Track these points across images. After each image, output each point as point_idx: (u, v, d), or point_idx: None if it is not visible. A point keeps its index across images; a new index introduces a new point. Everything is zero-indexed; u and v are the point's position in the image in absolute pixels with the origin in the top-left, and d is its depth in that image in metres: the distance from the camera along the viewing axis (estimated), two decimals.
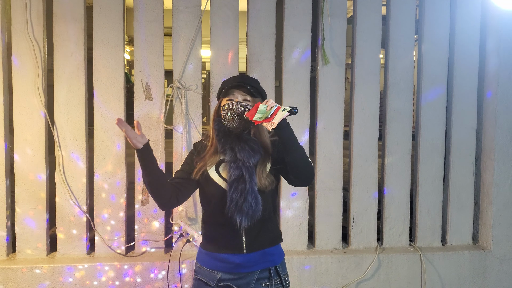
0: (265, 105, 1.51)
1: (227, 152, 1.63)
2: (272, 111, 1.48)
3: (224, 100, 1.69)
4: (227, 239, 1.64)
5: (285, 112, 1.47)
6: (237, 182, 1.58)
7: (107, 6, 2.61)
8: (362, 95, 2.89)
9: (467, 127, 3.03)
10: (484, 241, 3.07)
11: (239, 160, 1.60)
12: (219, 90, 1.74)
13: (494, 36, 3.00)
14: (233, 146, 1.63)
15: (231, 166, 1.60)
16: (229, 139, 1.65)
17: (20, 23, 2.53)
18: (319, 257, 2.80)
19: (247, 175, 1.58)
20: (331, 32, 2.82)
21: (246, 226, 1.59)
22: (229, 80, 1.73)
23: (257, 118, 1.49)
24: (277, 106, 1.49)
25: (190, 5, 2.69)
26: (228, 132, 1.66)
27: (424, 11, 2.95)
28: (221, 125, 1.67)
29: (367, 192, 2.92)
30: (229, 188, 1.59)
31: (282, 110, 1.47)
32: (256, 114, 1.50)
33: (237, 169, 1.59)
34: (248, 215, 1.57)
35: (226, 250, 1.65)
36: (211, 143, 1.69)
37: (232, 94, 1.68)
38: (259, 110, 1.51)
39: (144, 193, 2.68)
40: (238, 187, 1.57)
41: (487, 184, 3.05)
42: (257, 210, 1.59)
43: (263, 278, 1.67)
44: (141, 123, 2.63)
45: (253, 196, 1.58)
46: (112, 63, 2.63)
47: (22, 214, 2.59)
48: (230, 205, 1.57)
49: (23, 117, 2.56)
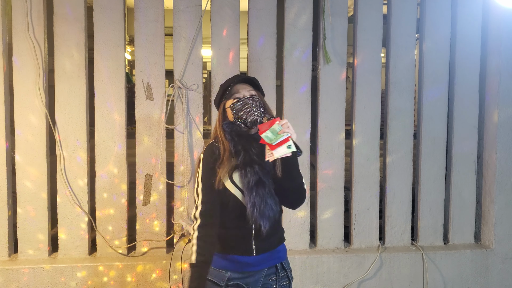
0: (280, 126, 1.47)
1: (241, 153, 1.58)
2: (280, 139, 1.46)
3: (229, 101, 1.66)
4: (237, 242, 1.63)
5: (289, 151, 1.46)
6: (257, 187, 1.54)
7: (108, 6, 2.60)
8: (363, 94, 2.88)
9: (468, 126, 3.02)
10: (486, 240, 3.06)
11: (255, 162, 1.57)
12: (219, 95, 1.70)
13: (495, 34, 2.99)
14: (246, 148, 1.59)
15: (248, 170, 1.56)
16: (241, 139, 1.61)
17: (20, 24, 2.52)
18: (321, 257, 2.80)
19: (265, 179, 1.56)
20: (332, 31, 2.82)
21: (268, 228, 1.57)
22: (227, 81, 1.69)
23: (265, 137, 1.47)
24: (287, 136, 1.46)
25: (191, 5, 2.68)
26: (241, 131, 1.63)
27: (425, 9, 2.94)
28: (231, 126, 1.64)
29: (369, 191, 2.91)
30: (248, 194, 1.54)
31: (288, 146, 1.46)
32: (267, 132, 1.47)
33: (255, 174, 1.55)
34: (270, 218, 1.56)
35: (236, 251, 1.64)
36: (223, 147, 1.62)
37: (237, 92, 1.65)
38: (272, 128, 1.47)
39: (145, 193, 2.68)
40: (259, 192, 1.54)
41: (489, 183, 3.04)
42: (277, 211, 1.60)
43: (270, 274, 1.68)
44: (142, 123, 2.65)
45: (272, 199, 1.57)
46: (113, 63, 2.62)
47: (23, 215, 2.59)
48: (253, 211, 1.53)
49: (24, 117, 2.56)
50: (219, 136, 1.65)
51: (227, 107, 1.67)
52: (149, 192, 2.68)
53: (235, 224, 1.61)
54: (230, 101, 1.65)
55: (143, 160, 2.67)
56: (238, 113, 1.61)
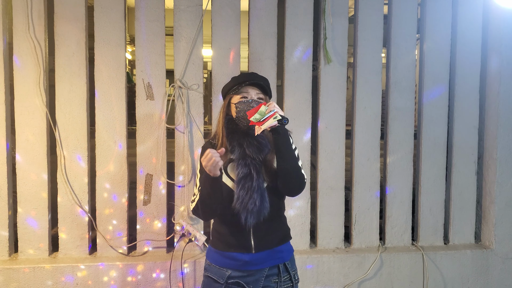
0: (266, 107, 1.53)
1: (235, 149, 1.62)
2: (267, 116, 1.50)
3: (236, 97, 1.68)
4: (236, 238, 1.65)
5: (275, 121, 1.49)
6: (244, 180, 1.57)
7: (108, 6, 2.60)
8: (364, 94, 2.88)
9: (469, 126, 3.02)
10: (486, 240, 3.06)
11: (248, 156, 1.59)
12: (228, 87, 1.72)
13: (495, 35, 2.99)
14: (241, 142, 1.62)
15: (239, 163, 1.59)
16: (236, 135, 1.64)
17: (21, 23, 2.52)
18: (321, 257, 2.80)
19: (254, 172, 1.58)
20: (333, 31, 2.82)
21: (253, 224, 1.58)
22: (240, 77, 1.72)
23: (253, 119, 1.52)
24: (273, 112, 1.51)
25: (192, 5, 2.68)
26: (236, 128, 1.66)
27: (426, 9, 2.95)
28: (231, 121, 1.67)
29: (369, 191, 2.91)
30: (236, 186, 1.58)
31: (274, 117, 1.50)
32: (255, 115, 1.52)
33: (245, 167, 1.58)
34: (253, 212, 1.56)
35: (235, 248, 1.65)
36: (221, 142, 1.67)
37: (246, 92, 1.67)
38: (259, 111, 1.52)
39: (146, 193, 2.68)
40: (246, 185, 1.56)
41: (489, 183, 3.04)
42: (263, 208, 1.58)
43: (272, 275, 1.67)
44: (142, 123, 2.65)
45: (258, 193, 1.57)
46: (113, 62, 2.62)
47: (24, 214, 2.59)
48: (236, 202, 1.57)
49: (24, 117, 2.56)
50: (218, 130, 1.70)
51: (232, 102, 1.69)
52: (149, 192, 2.68)
53: (233, 220, 1.61)
54: (237, 98, 1.68)
55: (143, 159, 2.67)
56: (241, 112, 1.63)
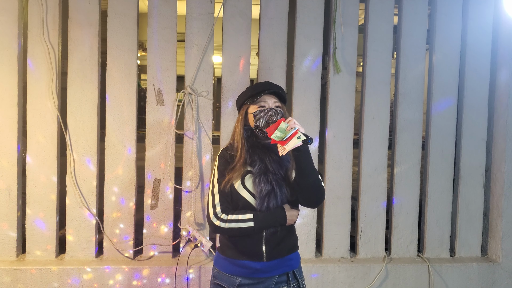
0: (286, 124, 1.51)
1: (256, 163, 1.61)
2: (289, 134, 1.48)
3: (253, 107, 1.67)
4: (248, 247, 1.65)
5: (299, 141, 1.47)
6: (268, 197, 1.58)
7: (122, 12, 2.64)
8: (372, 104, 2.89)
9: (477, 138, 3.02)
10: (493, 253, 3.04)
11: (270, 172, 1.60)
12: (244, 97, 1.71)
13: (505, 47, 2.99)
14: (262, 157, 1.62)
15: (261, 179, 1.59)
16: (257, 149, 1.64)
17: (36, 28, 2.57)
18: (327, 266, 2.79)
19: (277, 189, 1.59)
20: (342, 41, 2.84)
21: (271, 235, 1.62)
22: (257, 87, 1.70)
23: (275, 137, 1.49)
24: (295, 130, 1.48)
25: (204, 12, 2.72)
26: (257, 142, 1.66)
27: (435, 21, 2.96)
28: (250, 132, 1.67)
29: (376, 201, 2.91)
30: (260, 203, 1.58)
31: (298, 137, 1.47)
32: (276, 132, 1.50)
33: (268, 183, 1.58)
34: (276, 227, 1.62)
35: (246, 257, 1.65)
36: (240, 154, 1.65)
37: (263, 101, 1.66)
38: (279, 128, 1.50)
39: (153, 197, 2.70)
40: (270, 203, 1.58)
41: (497, 196, 3.02)
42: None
43: (281, 282, 1.68)
44: (152, 128, 2.68)
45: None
46: (125, 68, 2.66)
47: (32, 216, 2.61)
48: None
49: (36, 119, 2.59)
50: (236, 140, 1.68)
51: (250, 112, 1.68)
52: (157, 197, 2.70)
53: None
54: (255, 108, 1.67)
55: (152, 164, 2.69)
56: (260, 122, 1.63)
